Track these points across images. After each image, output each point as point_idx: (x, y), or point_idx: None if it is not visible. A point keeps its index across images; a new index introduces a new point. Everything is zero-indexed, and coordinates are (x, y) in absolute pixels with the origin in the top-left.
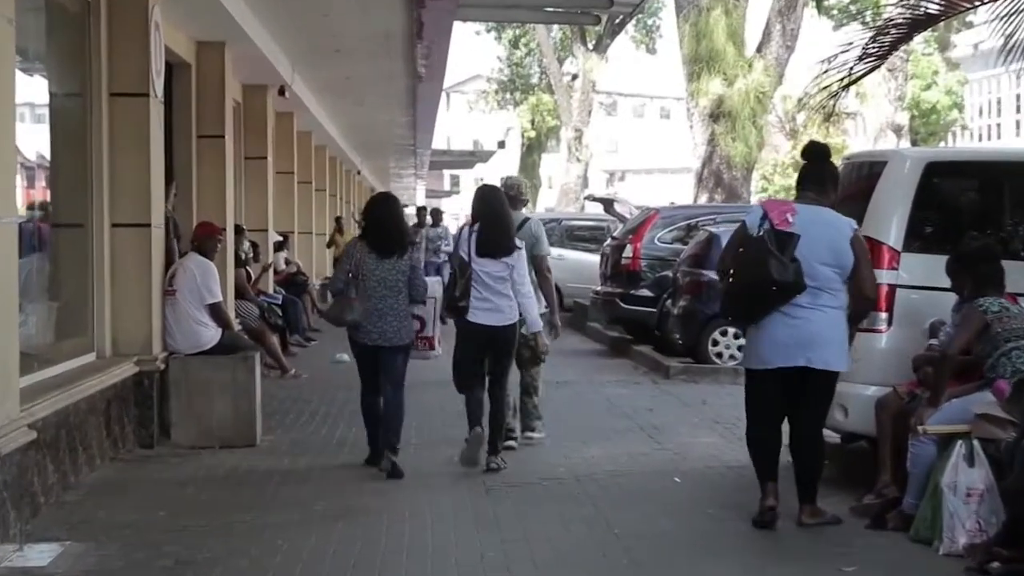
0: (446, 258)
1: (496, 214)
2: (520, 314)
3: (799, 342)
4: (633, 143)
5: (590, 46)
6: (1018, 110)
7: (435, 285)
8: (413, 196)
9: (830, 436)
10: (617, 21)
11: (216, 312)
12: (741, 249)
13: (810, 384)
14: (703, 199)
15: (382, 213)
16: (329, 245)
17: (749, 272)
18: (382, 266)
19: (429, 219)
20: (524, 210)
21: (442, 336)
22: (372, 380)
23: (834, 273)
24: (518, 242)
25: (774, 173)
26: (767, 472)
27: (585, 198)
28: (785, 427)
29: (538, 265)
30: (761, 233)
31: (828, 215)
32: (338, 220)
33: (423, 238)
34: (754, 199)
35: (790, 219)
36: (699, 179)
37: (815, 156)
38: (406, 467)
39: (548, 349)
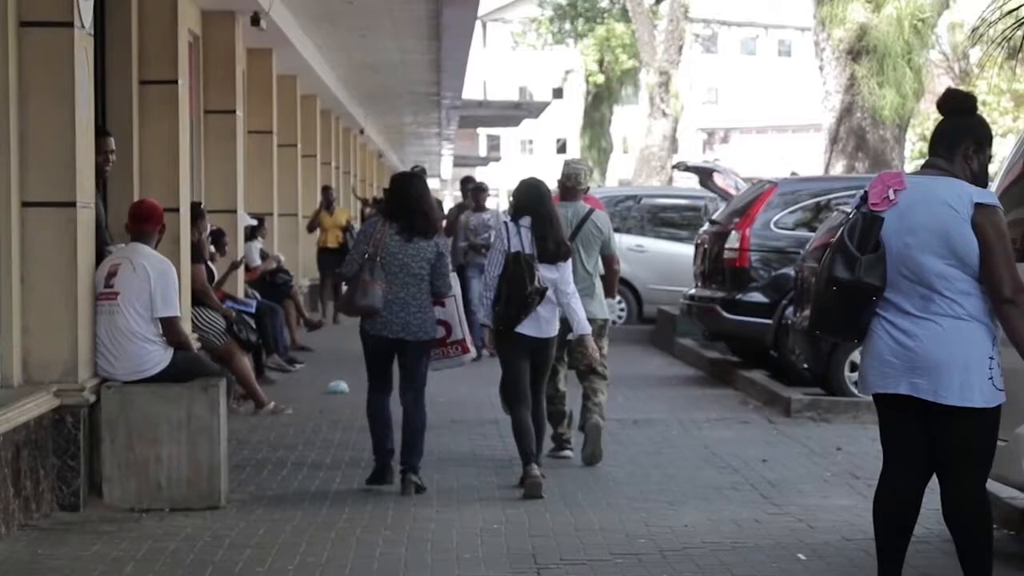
0: None
1: (553, 215)
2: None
3: (904, 363)
4: (740, 91)
5: None
6: None
7: (452, 279)
8: (437, 165)
9: (1017, 497)
10: None
11: (170, 328)
12: (833, 239)
13: (939, 424)
14: (838, 168)
15: (411, 190)
16: (312, 228)
17: (822, 268)
18: (406, 250)
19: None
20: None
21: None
22: (384, 380)
23: (950, 268)
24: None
25: None
26: (889, 551)
27: (674, 167)
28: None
29: (608, 264)
30: (851, 216)
31: (943, 189)
32: (326, 191)
33: (462, 227)
34: (909, 167)
35: (892, 196)
36: (832, 140)
37: (952, 110)
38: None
39: (601, 356)
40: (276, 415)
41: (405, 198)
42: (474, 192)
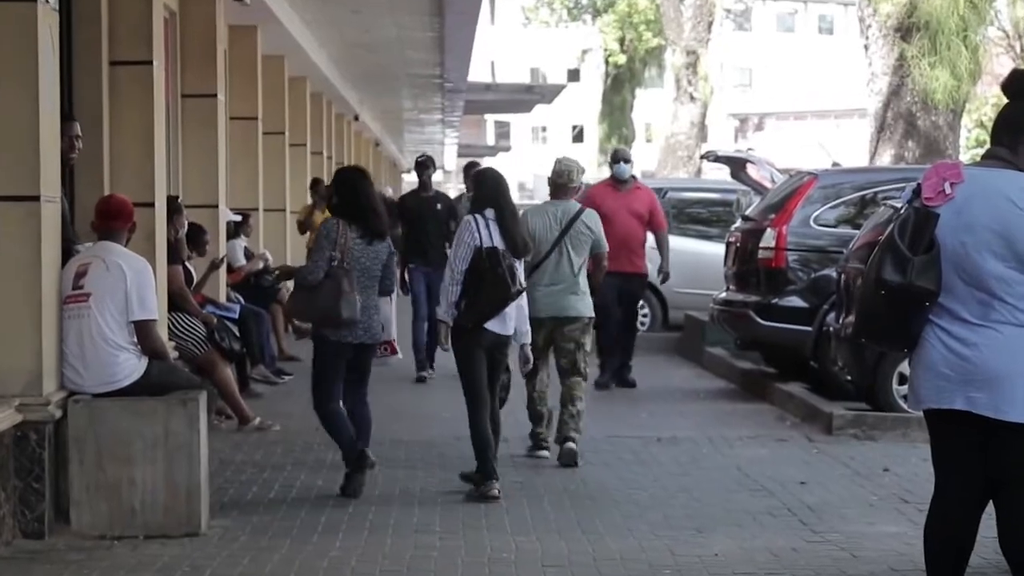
0: None
1: (514, 209)
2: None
3: (960, 375)
4: (776, 73)
5: None
6: None
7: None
8: (440, 154)
9: None
10: None
11: (145, 334)
12: (881, 237)
13: (998, 442)
14: (886, 158)
15: (365, 188)
16: (304, 229)
17: (869, 270)
18: (367, 253)
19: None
20: (581, 178)
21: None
22: (338, 387)
23: (1011, 271)
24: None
25: None
26: None
27: (703, 157)
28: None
29: (598, 263)
30: (901, 212)
31: (1005, 183)
32: (315, 185)
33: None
34: (965, 156)
35: (947, 190)
36: (879, 127)
37: (1018, 92)
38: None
39: (584, 355)
40: (262, 432)
41: (364, 197)
42: (477, 179)
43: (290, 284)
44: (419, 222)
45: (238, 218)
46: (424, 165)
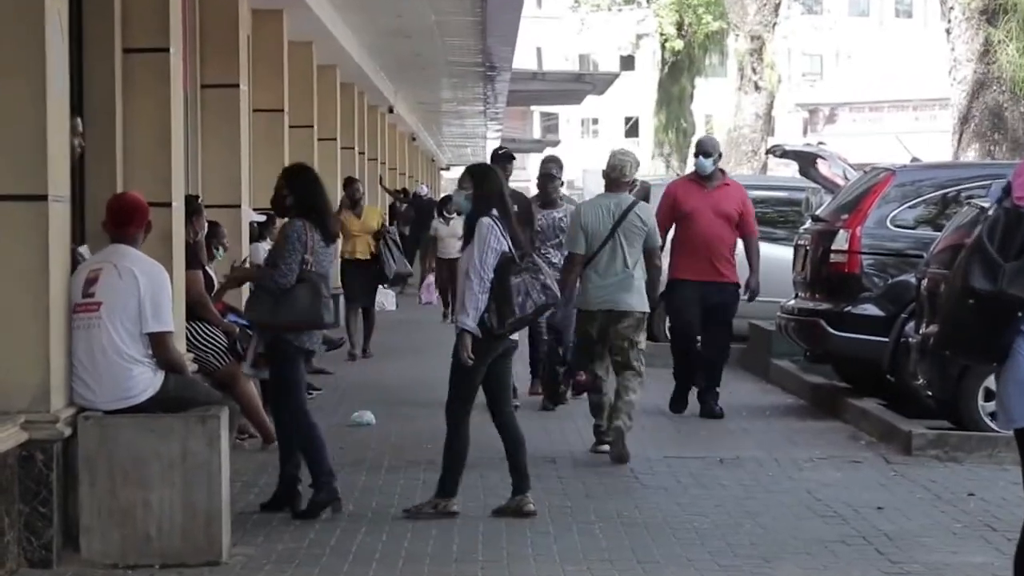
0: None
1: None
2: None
3: None
4: (849, 60)
5: None
6: None
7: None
8: (482, 149)
9: None
10: None
11: (161, 346)
12: (966, 240)
13: None
14: (970, 153)
15: (322, 187)
16: (378, 236)
17: (955, 276)
18: (327, 256)
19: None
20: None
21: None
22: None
23: None
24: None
25: None
26: None
27: (769, 152)
28: None
29: (649, 259)
30: (990, 212)
31: None
32: (350, 185)
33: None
34: None
35: None
36: (963, 119)
37: None
38: None
39: (637, 351)
40: None
41: (322, 196)
42: (543, 183)
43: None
44: None
45: (262, 218)
46: (507, 158)
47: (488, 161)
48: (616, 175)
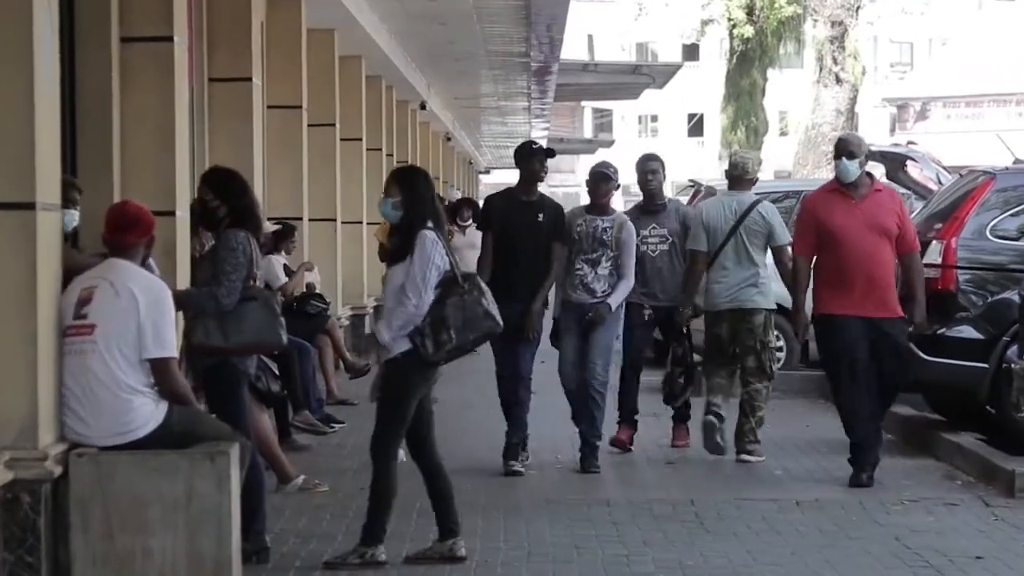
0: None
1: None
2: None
3: None
4: (944, 49)
5: None
6: None
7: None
8: None
9: None
10: None
11: (165, 374)
12: None
13: None
14: None
15: (253, 193)
16: (386, 254)
17: None
18: (272, 269)
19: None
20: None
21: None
22: None
23: None
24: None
25: None
26: None
27: None
28: None
29: (778, 257)
30: None
31: None
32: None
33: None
34: None
35: None
36: None
37: None
38: None
39: (766, 351)
40: (307, 492)
41: (256, 204)
42: (594, 182)
43: (345, 311)
44: (505, 236)
45: (277, 227)
46: (535, 154)
47: (519, 157)
48: (738, 172)
